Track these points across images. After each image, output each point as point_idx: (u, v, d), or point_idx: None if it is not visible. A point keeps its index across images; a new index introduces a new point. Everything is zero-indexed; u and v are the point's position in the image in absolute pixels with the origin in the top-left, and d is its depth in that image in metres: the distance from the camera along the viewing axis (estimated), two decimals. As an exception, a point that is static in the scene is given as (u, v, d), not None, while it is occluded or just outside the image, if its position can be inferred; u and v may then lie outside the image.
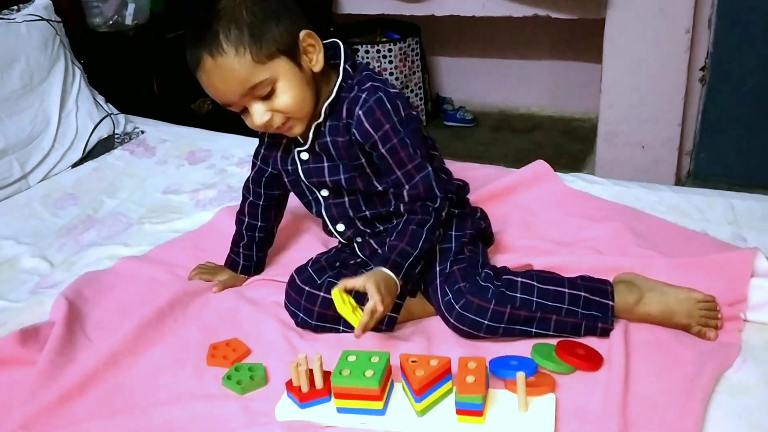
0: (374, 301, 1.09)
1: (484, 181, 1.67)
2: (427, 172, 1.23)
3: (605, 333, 1.19)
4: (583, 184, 1.71)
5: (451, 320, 1.20)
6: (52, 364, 1.19)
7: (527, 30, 3.39)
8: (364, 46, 3.37)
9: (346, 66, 1.25)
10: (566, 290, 1.20)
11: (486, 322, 1.18)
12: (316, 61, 1.20)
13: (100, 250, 1.61)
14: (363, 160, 1.25)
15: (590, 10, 2.80)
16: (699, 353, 1.13)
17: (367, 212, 1.32)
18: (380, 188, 1.28)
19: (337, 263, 1.33)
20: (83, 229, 1.71)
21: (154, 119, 2.31)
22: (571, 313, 1.19)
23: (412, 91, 3.50)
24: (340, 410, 1.06)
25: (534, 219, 1.58)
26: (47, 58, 2.07)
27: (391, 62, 3.38)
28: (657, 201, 1.61)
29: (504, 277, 1.22)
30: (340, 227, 1.35)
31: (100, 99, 2.21)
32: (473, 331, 1.19)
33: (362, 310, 1.11)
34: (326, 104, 1.23)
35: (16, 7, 2.11)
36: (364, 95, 1.21)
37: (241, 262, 1.45)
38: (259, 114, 1.18)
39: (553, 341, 1.17)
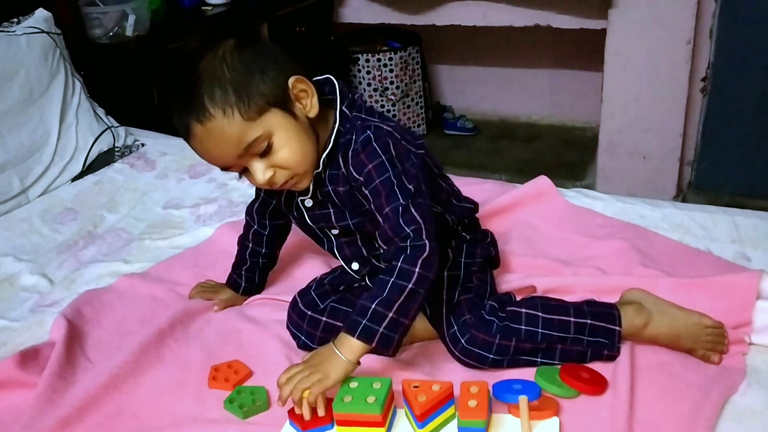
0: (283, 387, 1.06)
1: (487, 197, 1.66)
2: (397, 214, 1.10)
3: (611, 359, 1.18)
4: (586, 200, 1.70)
5: (456, 353, 1.19)
6: (52, 388, 1.17)
7: (528, 39, 3.38)
8: (364, 54, 3.37)
9: (343, 108, 1.18)
10: (572, 319, 1.18)
11: (491, 356, 1.17)
12: (310, 106, 1.13)
13: (101, 267, 1.60)
14: (368, 206, 1.16)
15: (591, 19, 2.80)
16: (704, 377, 1.13)
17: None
18: None
19: (342, 286, 1.31)
20: (83, 245, 1.70)
21: (155, 131, 2.31)
22: (577, 342, 1.18)
23: (412, 99, 3.50)
24: (342, 436, 1.06)
25: (537, 236, 1.57)
26: (47, 70, 2.06)
27: (391, 71, 3.38)
28: (660, 218, 1.60)
29: (508, 308, 1.20)
30: (355, 266, 1.30)
31: (101, 111, 2.20)
32: (478, 364, 1.18)
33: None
34: (324, 155, 1.17)
35: (15, 20, 2.10)
36: (353, 137, 1.15)
37: (243, 284, 1.44)
38: (260, 172, 1.11)
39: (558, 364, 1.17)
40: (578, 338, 1.18)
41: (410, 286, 1.06)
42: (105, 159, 2.11)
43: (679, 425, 1.04)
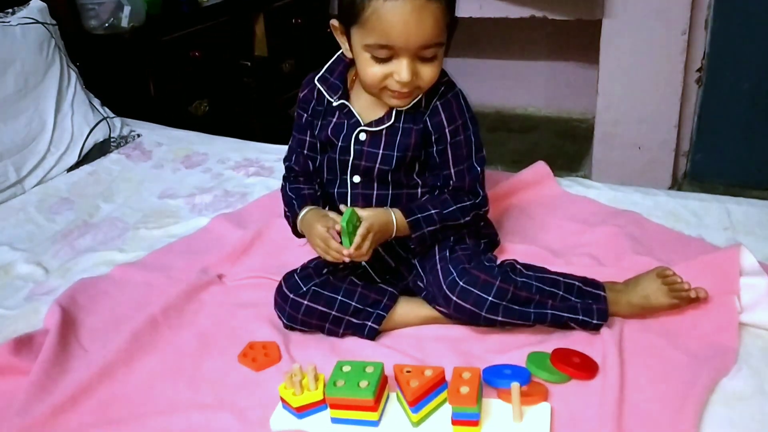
0: (363, 228, 1.18)
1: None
2: (478, 172, 1.30)
3: (602, 316, 1.21)
4: (580, 189, 1.71)
5: (453, 298, 1.19)
6: (46, 375, 1.18)
7: (524, 31, 3.39)
8: (360, 46, 3.36)
9: None
10: (561, 279, 1.25)
11: (490, 298, 1.18)
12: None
13: (96, 256, 1.61)
14: (421, 153, 1.29)
15: (587, 11, 2.80)
16: (694, 358, 1.13)
17: None
18: (420, 183, 1.32)
19: (325, 270, 1.32)
20: (79, 234, 1.71)
21: (151, 122, 2.31)
22: (566, 301, 1.23)
23: (409, 91, 3.49)
24: (334, 420, 1.06)
25: (531, 223, 1.58)
26: (42, 61, 2.06)
27: (387, 63, 3.37)
28: (653, 206, 1.61)
29: (506, 262, 1.27)
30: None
31: (96, 102, 2.20)
32: (475, 309, 1.19)
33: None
34: (421, 94, 1.26)
35: (10, 10, 2.10)
36: (442, 88, 1.26)
37: (318, 192, 1.37)
38: (408, 71, 1.17)
39: (548, 349, 1.17)
40: (567, 297, 1.23)
41: (462, 220, 1.28)
42: (101, 149, 2.11)
43: (669, 407, 1.04)
